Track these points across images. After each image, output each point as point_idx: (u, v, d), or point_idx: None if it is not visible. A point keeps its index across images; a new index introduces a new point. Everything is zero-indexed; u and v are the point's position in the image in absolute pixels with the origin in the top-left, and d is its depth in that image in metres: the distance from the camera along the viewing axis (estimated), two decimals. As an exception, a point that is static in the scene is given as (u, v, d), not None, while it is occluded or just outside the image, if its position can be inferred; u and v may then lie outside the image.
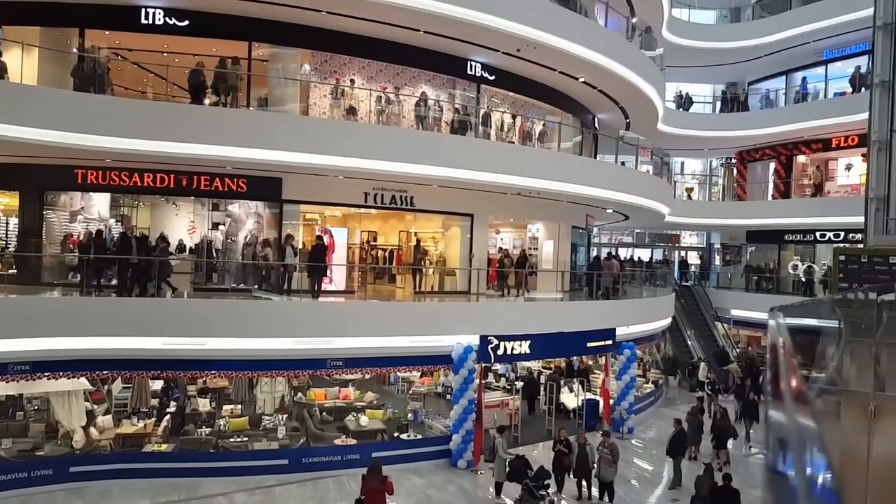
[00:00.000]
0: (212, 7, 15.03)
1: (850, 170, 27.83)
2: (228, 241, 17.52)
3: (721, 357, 25.38)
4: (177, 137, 13.15)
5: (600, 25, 20.77)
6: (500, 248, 22.85)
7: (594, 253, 26.91)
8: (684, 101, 31.09)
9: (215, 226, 18.12)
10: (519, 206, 19.74)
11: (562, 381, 20.14)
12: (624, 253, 33.28)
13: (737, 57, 29.62)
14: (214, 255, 17.36)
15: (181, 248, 17.64)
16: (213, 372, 14.12)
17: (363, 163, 14.53)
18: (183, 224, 18.94)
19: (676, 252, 36.41)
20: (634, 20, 23.43)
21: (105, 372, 13.43)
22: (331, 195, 17.03)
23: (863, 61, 26.15)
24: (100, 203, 17.15)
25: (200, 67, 14.88)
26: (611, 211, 22.94)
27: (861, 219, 15.71)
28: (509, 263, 19.51)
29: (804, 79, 28.61)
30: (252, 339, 13.18)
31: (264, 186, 15.96)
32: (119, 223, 17.44)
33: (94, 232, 14.65)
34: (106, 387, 16.10)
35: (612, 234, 36.44)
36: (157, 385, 16.55)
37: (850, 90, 26.24)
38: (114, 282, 14.10)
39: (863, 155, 22.79)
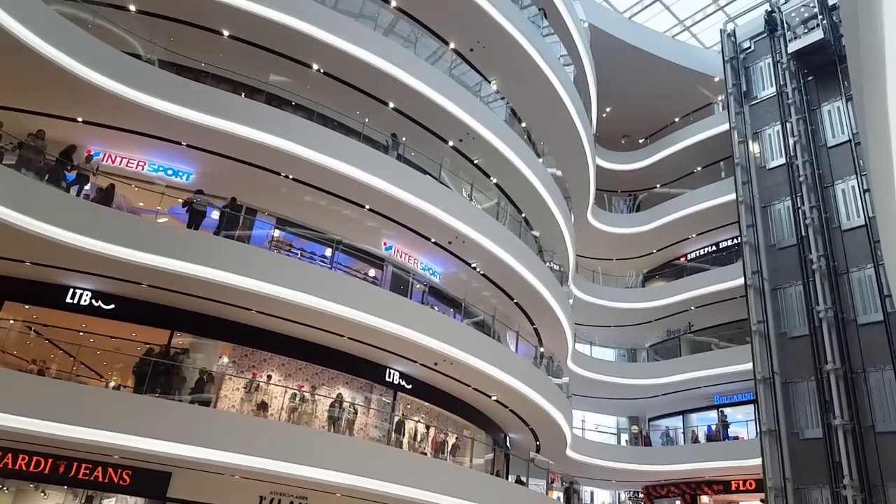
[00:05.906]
0: (142, 295, 15.25)
1: (754, 514, 28.10)
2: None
3: None
4: (63, 419, 12.17)
5: (511, 350, 22.27)
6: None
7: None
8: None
9: (82, 524, 15.67)
10: (427, 527, 18.35)
11: None
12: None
13: (636, 393, 31.60)
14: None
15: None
16: None
17: (267, 463, 13.70)
18: (48, 519, 16.32)
19: None
20: (542, 349, 25.33)
21: None
22: (222, 496, 15.34)
23: (743, 410, 28.55)
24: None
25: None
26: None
27: (771, 566, 15.47)
28: None
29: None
30: None
31: (150, 481, 14.35)
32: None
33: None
34: None
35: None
36: None
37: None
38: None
39: (761, 500, 23.33)
